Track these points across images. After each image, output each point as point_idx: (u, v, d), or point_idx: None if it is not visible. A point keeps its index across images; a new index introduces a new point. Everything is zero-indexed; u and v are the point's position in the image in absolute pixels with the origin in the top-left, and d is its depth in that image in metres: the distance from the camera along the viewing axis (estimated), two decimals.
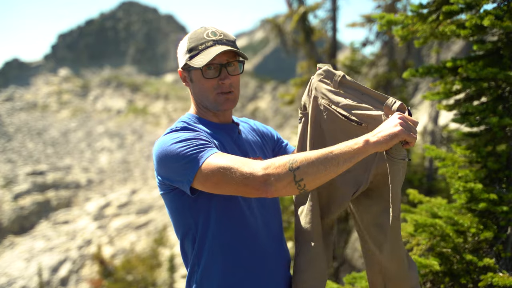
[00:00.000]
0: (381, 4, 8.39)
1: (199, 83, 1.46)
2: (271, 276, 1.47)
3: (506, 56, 2.08)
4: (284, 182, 1.17)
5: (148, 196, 40.11)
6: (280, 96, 10.93)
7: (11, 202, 38.32)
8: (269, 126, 1.78)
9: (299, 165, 1.16)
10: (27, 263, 29.70)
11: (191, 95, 1.54)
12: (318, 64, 1.52)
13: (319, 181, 1.20)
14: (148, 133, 56.33)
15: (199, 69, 1.43)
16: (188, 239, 1.45)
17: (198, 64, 1.40)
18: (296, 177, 1.16)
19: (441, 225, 2.04)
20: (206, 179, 1.26)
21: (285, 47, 9.51)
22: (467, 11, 2.09)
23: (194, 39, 1.45)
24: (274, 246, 1.51)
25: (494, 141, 2.15)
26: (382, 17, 2.27)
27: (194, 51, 1.43)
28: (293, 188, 1.18)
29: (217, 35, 1.45)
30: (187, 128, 1.41)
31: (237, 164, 1.22)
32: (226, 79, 1.43)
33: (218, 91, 1.45)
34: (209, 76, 1.43)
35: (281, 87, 56.03)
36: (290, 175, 1.16)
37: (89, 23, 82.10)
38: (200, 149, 1.30)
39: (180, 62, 1.50)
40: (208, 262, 1.42)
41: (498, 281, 1.73)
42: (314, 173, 1.17)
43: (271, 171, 1.18)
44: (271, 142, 1.72)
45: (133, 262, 23.50)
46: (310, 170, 1.17)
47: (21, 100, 63.18)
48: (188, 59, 1.44)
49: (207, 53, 1.40)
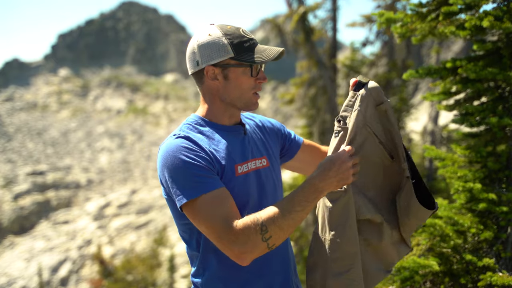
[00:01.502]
0: (381, 4, 8.40)
1: (237, 81, 1.41)
2: (276, 278, 1.47)
3: (506, 56, 2.08)
4: (258, 251, 1.24)
5: (148, 196, 40.11)
6: (280, 96, 10.93)
7: (11, 202, 38.32)
8: (274, 120, 1.74)
9: (271, 234, 1.22)
10: (27, 263, 29.70)
11: (211, 93, 1.46)
12: (359, 76, 1.44)
13: (287, 236, 1.30)
14: (148, 133, 56.33)
15: (246, 67, 1.39)
16: (192, 243, 1.45)
17: (256, 61, 1.37)
18: (269, 244, 1.23)
19: (441, 225, 2.04)
20: (191, 217, 1.30)
21: (285, 47, 9.48)
22: (466, 11, 2.08)
23: (233, 35, 1.39)
24: (279, 248, 1.50)
25: (494, 141, 2.15)
26: (382, 14, 2.27)
27: (239, 47, 1.38)
28: (265, 251, 1.25)
29: (250, 34, 1.44)
30: (189, 139, 1.37)
31: (217, 228, 1.24)
32: (265, 80, 1.45)
33: (255, 90, 1.44)
34: (255, 74, 1.42)
35: (281, 87, 56.05)
36: (264, 244, 1.23)
37: (89, 23, 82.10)
38: (197, 181, 1.28)
39: (211, 57, 1.39)
40: (213, 266, 1.42)
41: (497, 281, 1.73)
42: (284, 236, 1.26)
43: (246, 248, 1.22)
44: (278, 138, 1.68)
45: (133, 262, 23.50)
46: (281, 235, 1.24)
47: (21, 100, 63.18)
48: (235, 54, 1.38)
49: (261, 51, 1.39)
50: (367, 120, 1.41)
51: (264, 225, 1.21)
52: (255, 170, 1.47)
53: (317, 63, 8.94)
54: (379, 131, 1.43)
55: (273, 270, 1.47)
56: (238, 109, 1.48)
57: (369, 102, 1.41)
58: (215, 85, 1.44)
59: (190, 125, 1.46)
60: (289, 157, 1.71)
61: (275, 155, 1.62)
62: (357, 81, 1.44)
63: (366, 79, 1.43)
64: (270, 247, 1.23)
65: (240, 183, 1.41)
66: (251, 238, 1.21)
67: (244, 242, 1.20)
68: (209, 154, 1.37)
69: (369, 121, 1.42)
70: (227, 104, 1.46)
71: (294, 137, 1.73)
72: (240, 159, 1.44)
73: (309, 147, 1.74)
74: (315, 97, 9.12)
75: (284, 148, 1.69)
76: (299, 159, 1.72)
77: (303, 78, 9.36)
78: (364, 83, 1.42)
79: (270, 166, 1.54)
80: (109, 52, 78.19)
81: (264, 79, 1.45)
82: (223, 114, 1.48)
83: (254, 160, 1.49)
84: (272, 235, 1.21)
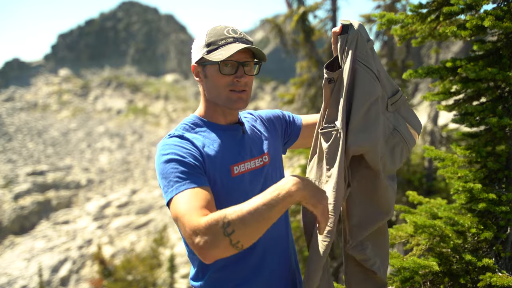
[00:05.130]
0: (381, 4, 8.39)
1: (213, 79, 1.42)
2: (276, 276, 1.48)
3: (505, 56, 2.08)
4: (220, 248, 1.12)
5: (148, 196, 40.13)
6: (280, 96, 10.93)
7: (11, 202, 38.34)
8: (273, 110, 1.75)
9: (234, 228, 1.11)
10: (27, 263, 29.71)
11: (202, 93, 1.50)
12: (342, 20, 1.45)
13: (256, 237, 1.16)
14: (148, 133, 56.36)
15: (215, 64, 1.40)
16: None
17: (217, 58, 1.37)
18: (232, 241, 1.12)
19: (441, 225, 2.04)
20: (171, 214, 1.27)
21: (285, 47, 9.48)
22: (467, 11, 2.09)
23: (213, 34, 1.42)
24: (278, 246, 1.51)
25: (493, 141, 2.15)
26: (383, 16, 2.27)
27: (213, 46, 1.40)
28: (231, 250, 1.14)
29: (237, 33, 1.43)
30: (182, 137, 1.39)
31: (185, 220, 1.17)
32: (242, 78, 1.41)
33: (232, 88, 1.42)
34: (226, 72, 1.40)
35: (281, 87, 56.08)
36: (226, 240, 1.11)
37: (89, 23, 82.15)
38: (179, 180, 1.27)
39: (195, 56, 1.47)
40: (211, 270, 1.43)
41: (497, 281, 1.73)
42: (249, 234, 1.13)
43: (207, 241, 1.12)
44: (280, 127, 1.71)
45: (133, 262, 23.50)
46: (245, 231, 1.12)
47: (21, 100, 63.21)
48: (205, 53, 1.41)
49: (227, 49, 1.38)
50: (362, 58, 1.44)
51: (227, 218, 1.12)
52: (255, 169, 1.47)
53: (317, 63, 8.94)
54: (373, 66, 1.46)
55: (272, 268, 1.47)
56: (221, 107, 1.47)
57: (359, 40, 1.44)
58: (201, 84, 1.49)
59: (187, 125, 1.47)
60: (294, 138, 1.75)
61: (277, 151, 1.62)
62: (342, 26, 1.46)
63: (348, 21, 1.46)
64: (234, 244, 1.12)
65: (237, 183, 1.41)
66: (212, 230, 1.11)
67: (205, 234, 1.11)
68: (201, 153, 1.37)
69: (364, 58, 1.44)
70: (211, 103, 1.48)
71: (293, 120, 1.76)
72: (237, 159, 1.44)
73: (309, 121, 1.78)
74: (315, 97, 9.12)
75: (287, 133, 1.73)
76: (304, 136, 1.76)
77: (303, 78, 9.35)
78: (348, 25, 1.45)
79: (271, 163, 1.54)
80: (109, 52, 78.22)
81: (241, 77, 1.41)
82: (216, 113, 1.49)
83: (254, 159, 1.49)
84: (235, 229, 1.11)
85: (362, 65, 1.44)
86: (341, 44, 1.44)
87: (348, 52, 1.43)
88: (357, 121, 1.42)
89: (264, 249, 1.46)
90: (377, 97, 1.45)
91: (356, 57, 1.44)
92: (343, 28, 1.45)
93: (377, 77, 1.46)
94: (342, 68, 1.44)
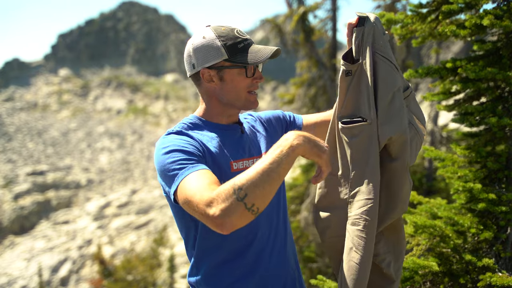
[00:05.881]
0: (381, 4, 8.39)
1: (233, 82, 1.42)
2: (272, 275, 1.47)
3: (505, 56, 2.08)
4: (237, 214, 1.11)
5: (148, 196, 40.13)
6: (280, 96, 10.92)
7: (11, 202, 38.35)
8: (273, 111, 1.75)
9: (246, 192, 1.11)
10: (27, 263, 29.72)
11: (207, 94, 1.48)
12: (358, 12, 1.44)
13: (269, 197, 1.17)
14: (148, 133, 56.38)
15: (240, 67, 1.41)
16: (190, 240, 1.46)
17: (250, 62, 1.38)
18: (247, 205, 1.11)
19: (441, 225, 2.04)
20: (180, 201, 1.24)
21: (285, 47, 9.49)
22: (466, 10, 2.09)
23: (226, 37, 1.40)
24: (276, 245, 1.51)
25: (493, 141, 2.15)
26: (382, 15, 2.27)
27: (233, 49, 1.39)
28: (248, 216, 1.13)
29: (245, 35, 1.44)
30: (181, 133, 1.40)
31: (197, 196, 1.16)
32: (261, 79, 1.46)
33: (251, 89, 1.45)
34: (250, 75, 1.43)
35: (281, 87, 56.09)
36: (241, 205, 1.11)
37: (89, 23, 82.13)
38: (182, 166, 1.26)
39: (206, 60, 1.42)
40: (207, 265, 1.43)
41: (497, 281, 1.73)
42: (262, 195, 1.13)
43: (222, 211, 1.11)
44: (281, 127, 1.71)
45: (133, 262, 23.51)
46: (258, 193, 1.12)
47: (21, 100, 63.22)
48: (229, 56, 1.39)
49: (255, 51, 1.40)
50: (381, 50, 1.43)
51: (237, 185, 1.12)
52: None
53: (317, 63, 8.93)
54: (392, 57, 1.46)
55: (268, 267, 1.46)
56: (237, 109, 1.49)
57: (376, 32, 1.43)
58: (212, 87, 1.45)
59: (185, 124, 1.47)
60: None
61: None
62: (358, 18, 1.43)
63: (364, 13, 1.44)
64: (250, 208, 1.11)
65: None
66: (226, 197, 1.10)
67: (219, 203, 1.11)
68: (202, 146, 1.37)
69: (383, 50, 1.43)
70: (225, 105, 1.48)
71: (294, 119, 1.75)
72: (236, 156, 1.45)
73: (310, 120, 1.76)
74: (315, 97, 9.12)
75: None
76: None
77: (303, 78, 9.35)
78: (364, 17, 1.43)
79: None
80: (109, 52, 78.21)
81: (261, 79, 1.46)
82: (221, 114, 1.50)
83: (252, 158, 1.49)
84: (248, 193, 1.10)
85: (382, 57, 1.43)
86: (357, 36, 1.43)
87: (366, 44, 1.42)
88: (384, 111, 1.41)
89: (261, 248, 1.46)
90: (399, 87, 1.45)
91: (375, 49, 1.43)
92: (359, 20, 1.43)
93: (396, 68, 1.46)
94: (360, 62, 1.42)
